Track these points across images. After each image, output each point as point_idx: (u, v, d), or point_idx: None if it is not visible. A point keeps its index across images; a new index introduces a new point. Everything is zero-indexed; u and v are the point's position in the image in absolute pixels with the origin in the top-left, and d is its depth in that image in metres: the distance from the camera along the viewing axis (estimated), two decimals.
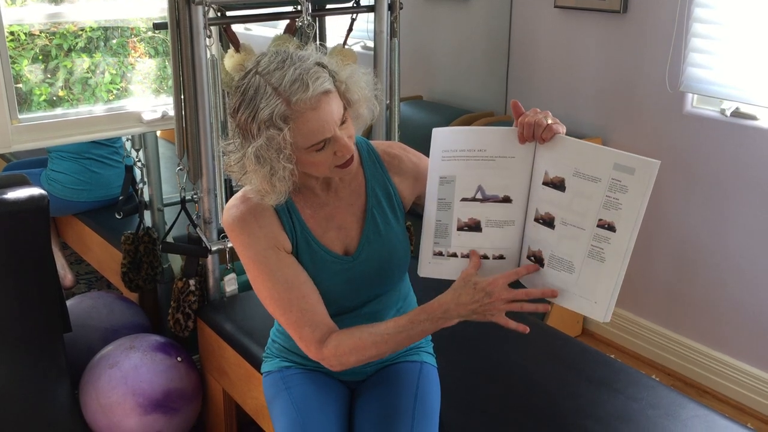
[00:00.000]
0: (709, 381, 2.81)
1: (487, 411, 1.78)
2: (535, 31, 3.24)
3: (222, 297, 2.37)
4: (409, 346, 1.70)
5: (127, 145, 2.86)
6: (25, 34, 2.53)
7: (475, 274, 1.45)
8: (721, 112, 2.66)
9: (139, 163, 2.73)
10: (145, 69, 2.74)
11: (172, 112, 2.26)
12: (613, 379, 1.89)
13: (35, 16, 2.54)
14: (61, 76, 2.59)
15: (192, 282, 2.30)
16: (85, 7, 2.63)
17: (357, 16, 2.44)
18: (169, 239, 2.48)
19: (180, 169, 2.27)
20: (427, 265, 1.54)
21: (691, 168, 2.75)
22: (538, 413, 1.77)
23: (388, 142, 2.19)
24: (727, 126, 2.63)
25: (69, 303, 2.55)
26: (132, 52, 2.71)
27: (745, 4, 2.51)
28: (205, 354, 2.38)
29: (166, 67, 2.71)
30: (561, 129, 1.41)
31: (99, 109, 2.58)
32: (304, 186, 1.54)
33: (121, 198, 2.86)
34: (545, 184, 1.44)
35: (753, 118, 2.58)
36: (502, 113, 3.44)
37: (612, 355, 2.40)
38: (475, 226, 1.50)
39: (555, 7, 3.08)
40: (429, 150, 1.51)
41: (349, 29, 2.43)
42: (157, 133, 2.75)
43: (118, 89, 2.68)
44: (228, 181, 2.32)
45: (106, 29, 2.65)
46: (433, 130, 1.47)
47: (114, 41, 2.67)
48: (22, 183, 2.19)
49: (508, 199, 1.48)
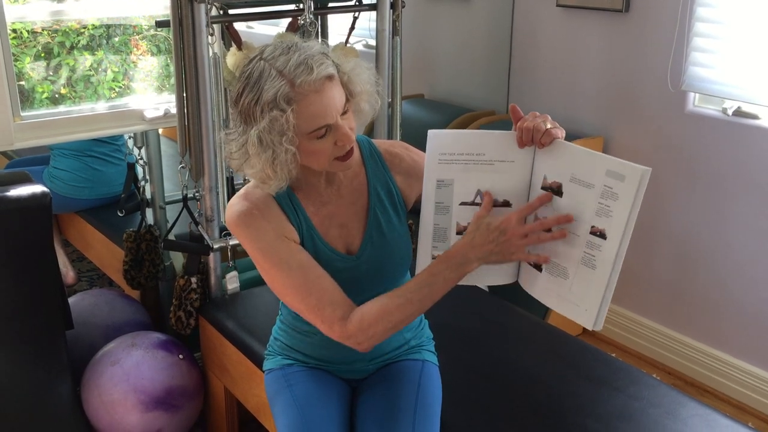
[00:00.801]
0: (710, 380, 2.81)
1: (488, 409, 1.78)
2: (536, 30, 3.24)
3: (224, 295, 2.37)
4: (411, 344, 1.71)
5: (129, 142, 2.87)
6: (27, 31, 2.53)
7: (486, 215, 1.42)
8: (723, 111, 2.66)
9: (141, 161, 2.74)
10: (148, 67, 2.74)
11: (174, 110, 2.26)
12: (613, 378, 1.89)
13: (38, 13, 2.54)
14: (64, 73, 2.59)
15: (194, 280, 2.31)
16: (87, 4, 2.64)
17: (359, 15, 2.45)
18: (170, 237, 2.48)
19: (182, 167, 2.27)
20: None
21: (693, 167, 2.75)
22: (539, 411, 1.77)
23: (390, 141, 2.20)
24: (729, 125, 2.63)
25: (71, 300, 2.56)
26: (134, 49, 2.71)
27: (747, 4, 2.51)
28: (207, 351, 2.38)
29: (168, 64, 2.71)
30: (560, 133, 1.39)
31: (101, 106, 2.58)
32: (307, 183, 1.53)
33: (123, 196, 2.86)
34: (544, 189, 1.42)
35: (755, 118, 2.58)
36: (503, 112, 3.43)
37: (613, 354, 2.40)
38: None
39: (557, 5, 3.08)
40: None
41: (351, 27, 2.44)
42: (159, 130, 2.76)
43: (120, 87, 2.68)
44: (230, 179, 2.32)
45: (108, 27, 2.65)
46: (429, 131, 1.45)
47: (116, 39, 2.67)
48: (25, 180, 2.19)
49: (507, 204, 1.46)
